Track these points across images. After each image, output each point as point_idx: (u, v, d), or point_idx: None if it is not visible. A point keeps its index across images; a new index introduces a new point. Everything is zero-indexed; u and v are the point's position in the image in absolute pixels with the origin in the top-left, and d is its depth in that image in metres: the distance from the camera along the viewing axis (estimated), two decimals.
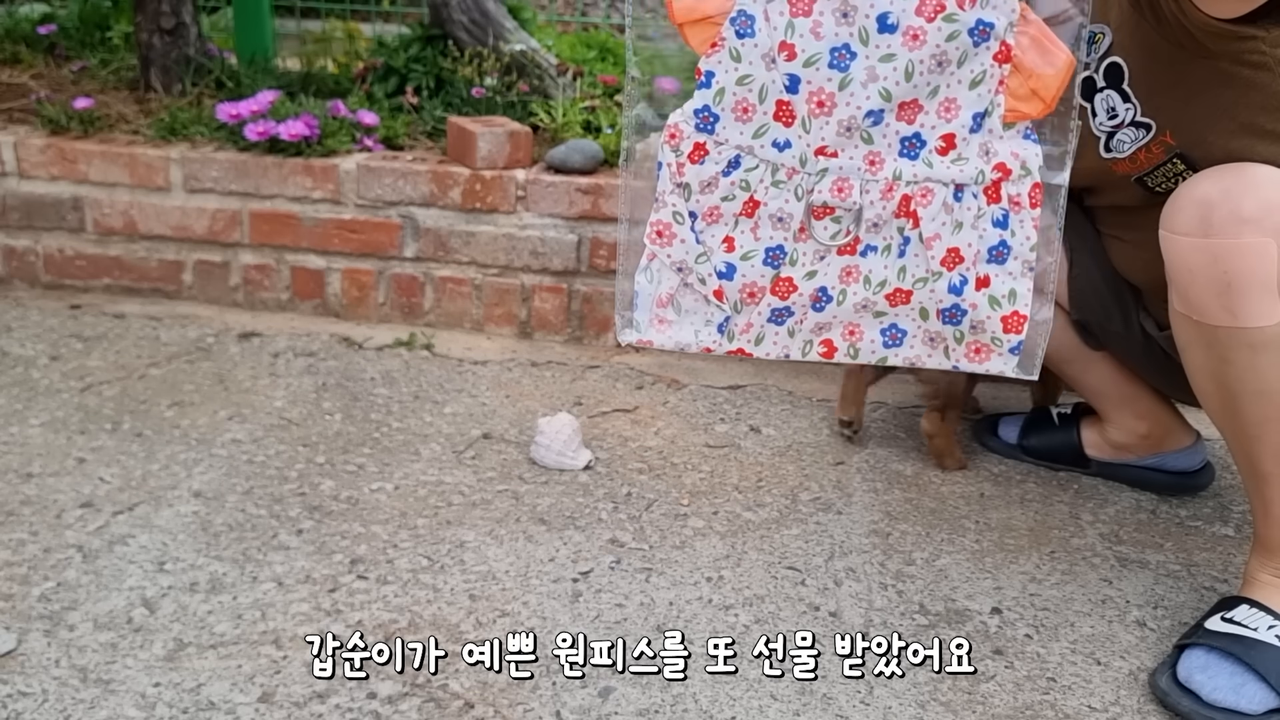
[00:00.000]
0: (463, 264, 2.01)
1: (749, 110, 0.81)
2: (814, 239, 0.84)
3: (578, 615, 1.24)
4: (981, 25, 0.77)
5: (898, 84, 0.78)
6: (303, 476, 1.50)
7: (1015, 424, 1.68)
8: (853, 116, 0.79)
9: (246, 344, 1.92)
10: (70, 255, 2.08)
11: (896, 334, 0.89)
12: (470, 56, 2.28)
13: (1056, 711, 1.13)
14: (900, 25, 0.77)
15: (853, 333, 0.89)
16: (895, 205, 0.82)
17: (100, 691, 1.08)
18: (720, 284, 0.85)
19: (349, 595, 1.25)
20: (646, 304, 0.87)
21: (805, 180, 0.81)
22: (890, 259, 0.84)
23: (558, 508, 1.46)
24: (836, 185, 0.81)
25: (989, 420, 1.72)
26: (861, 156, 0.81)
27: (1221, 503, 1.58)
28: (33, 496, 1.41)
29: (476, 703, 1.10)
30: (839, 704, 1.12)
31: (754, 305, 0.86)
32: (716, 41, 0.80)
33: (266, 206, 2.01)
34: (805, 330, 0.88)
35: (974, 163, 0.81)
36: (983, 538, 1.45)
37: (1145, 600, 1.33)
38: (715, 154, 0.82)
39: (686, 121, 0.82)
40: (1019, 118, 0.81)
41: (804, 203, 0.82)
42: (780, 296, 0.86)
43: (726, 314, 0.87)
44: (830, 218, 0.83)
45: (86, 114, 2.08)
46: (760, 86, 0.80)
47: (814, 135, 0.80)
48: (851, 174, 0.81)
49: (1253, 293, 1.05)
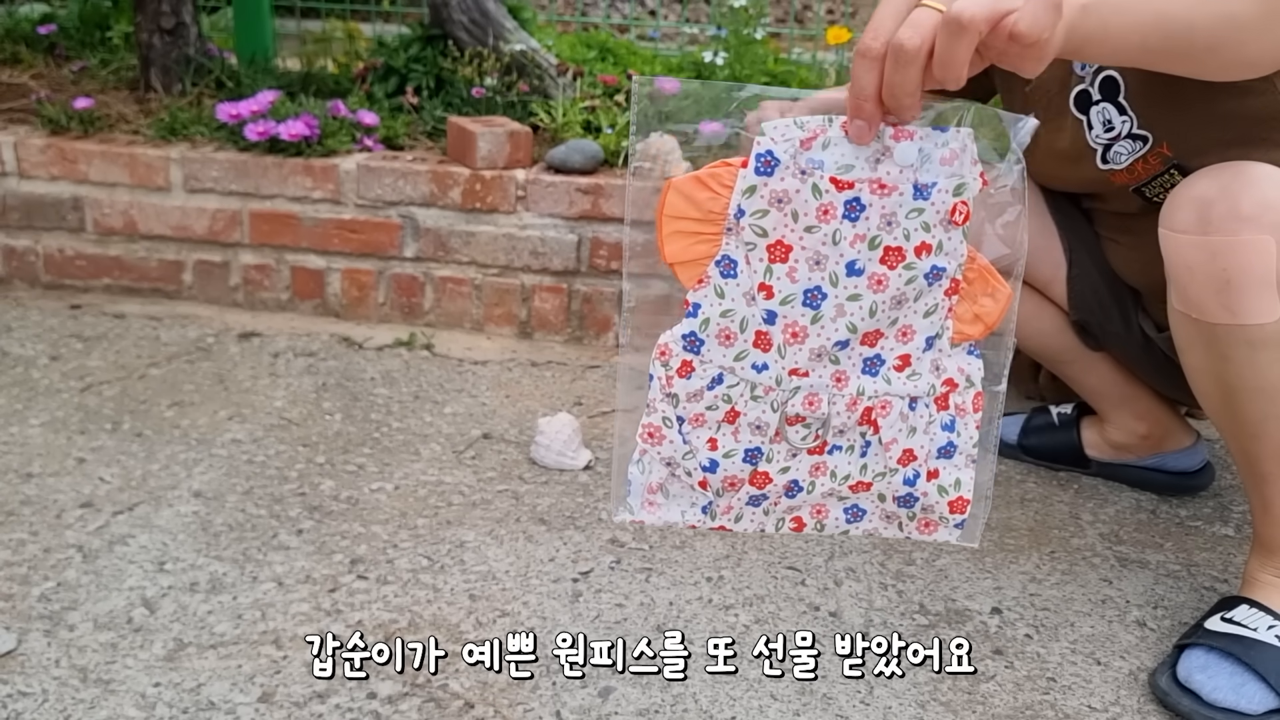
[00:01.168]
0: (463, 264, 2.01)
1: (731, 337, 0.92)
2: (787, 442, 0.96)
3: (578, 615, 1.24)
4: (935, 269, 0.89)
5: (863, 319, 0.90)
6: (303, 476, 1.50)
7: (1015, 424, 1.68)
8: (823, 345, 0.92)
9: (246, 344, 1.92)
10: (70, 255, 2.08)
11: (858, 512, 1.02)
12: (470, 56, 2.28)
13: (1056, 711, 1.13)
14: (866, 271, 0.88)
15: (820, 512, 1.01)
16: (858, 415, 0.95)
17: (100, 691, 1.08)
18: (704, 476, 0.97)
19: (349, 595, 1.25)
20: (638, 491, 0.99)
21: (780, 395, 0.94)
22: (853, 457, 0.97)
23: (558, 508, 1.46)
24: (807, 399, 0.93)
25: None
26: (829, 375, 0.93)
27: (1221, 503, 1.58)
28: (33, 496, 1.41)
29: (476, 703, 1.10)
30: (839, 704, 1.12)
31: (734, 492, 0.98)
32: (703, 278, 0.90)
33: (266, 206, 2.01)
34: (778, 511, 1.01)
35: (926, 378, 0.94)
36: (983, 538, 1.45)
37: (1145, 600, 1.33)
38: (700, 371, 0.93)
39: (675, 343, 0.92)
40: (964, 339, 0.93)
41: (779, 413, 0.94)
42: (757, 486, 0.98)
43: (709, 499, 1.00)
44: (801, 424, 0.95)
45: (86, 114, 2.08)
46: (741, 319, 0.91)
47: (788, 360, 0.92)
48: (820, 390, 0.93)
49: (1251, 290, 1.05)
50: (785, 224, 0.87)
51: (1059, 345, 1.53)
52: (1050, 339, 1.54)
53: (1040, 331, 1.54)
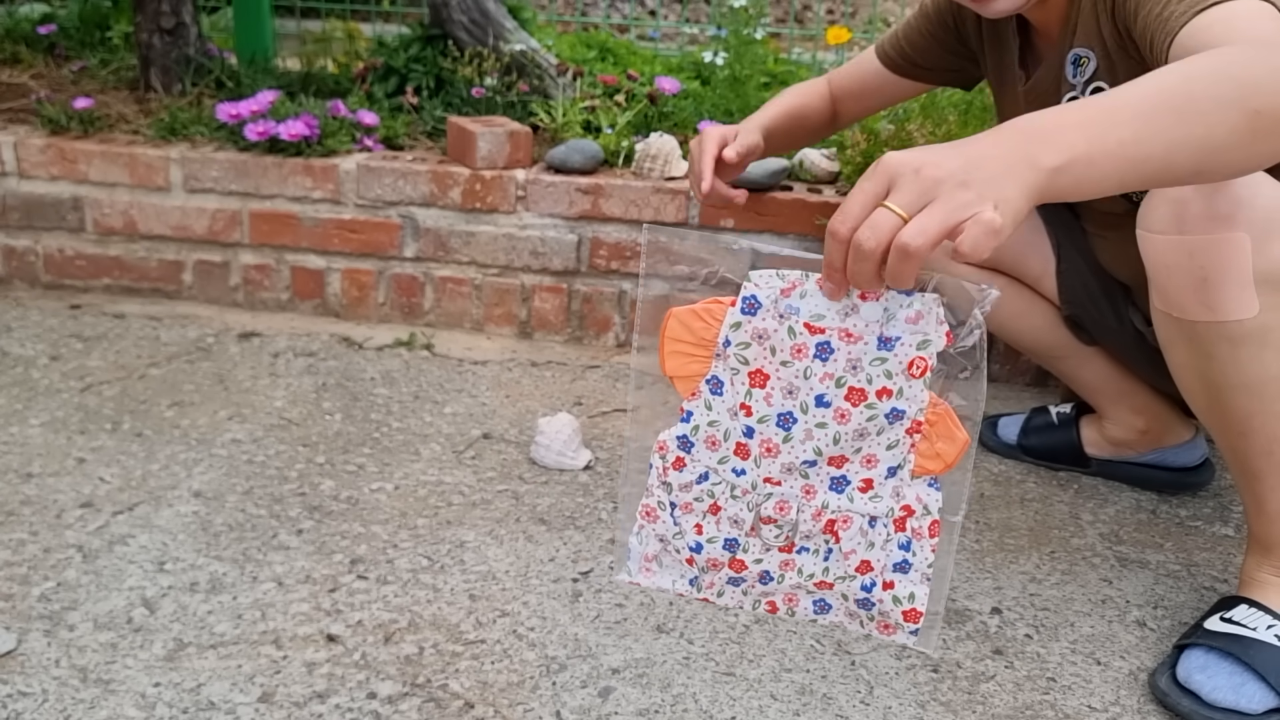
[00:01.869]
0: (463, 264, 2.01)
1: (716, 444, 1.08)
2: (760, 538, 1.11)
3: (578, 615, 1.24)
4: (895, 411, 1.00)
5: (828, 445, 1.03)
6: (303, 476, 1.50)
7: (1015, 423, 1.68)
8: (793, 461, 1.05)
9: (246, 344, 1.92)
10: (70, 255, 2.08)
11: (824, 606, 1.17)
12: (470, 56, 2.28)
13: (1056, 711, 1.13)
14: (832, 405, 1.01)
15: (791, 600, 1.17)
16: (822, 525, 1.09)
17: (100, 691, 1.08)
18: (691, 554, 1.15)
19: (349, 595, 1.25)
20: (636, 558, 1.18)
21: (755, 498, 1.09)
22: (818, 560, 1.12)
23: (558, 507, 1.46)
24: (779, 504, 1.09)
25: (989, 420, 1.72)
26: (799, 487, 1.07)
27: (1221, 503, 1.58)
28: (33, 496, 1.42)
29: (476, 703, 1.10)
30: (839, 704, 1.12)
31: (716, 572, 1.16)
32: (696, 392, 1.07)
33: (266, 206, 2.01)
34: (755, 593, 1.17)
35: (886, 501, 1.06)
36: (982, 538, 1.45)
37: (1145, 600, 1.33)
38: (690, 467, 1.10)
39: (671, 441, 1.11)
40: (925, 472, 1.04)
41: (754, 513, 1.10)
42: (736, 570, 1.15)
43: (695, 574, 1.17)
44: (774, 525, 1.10)
45: (86, 114, 2.08)
46: (725, 429, 1.07)
47: (763, 469, 1.07)
48: (791, 499, 1.08)
49: (1229, 287, 1.06)
50: (764, 356, 1.01)
51: (1052, 341, 1.54)
52: (1044, 334, 1.55)
53: (1034, 328, 1.54)
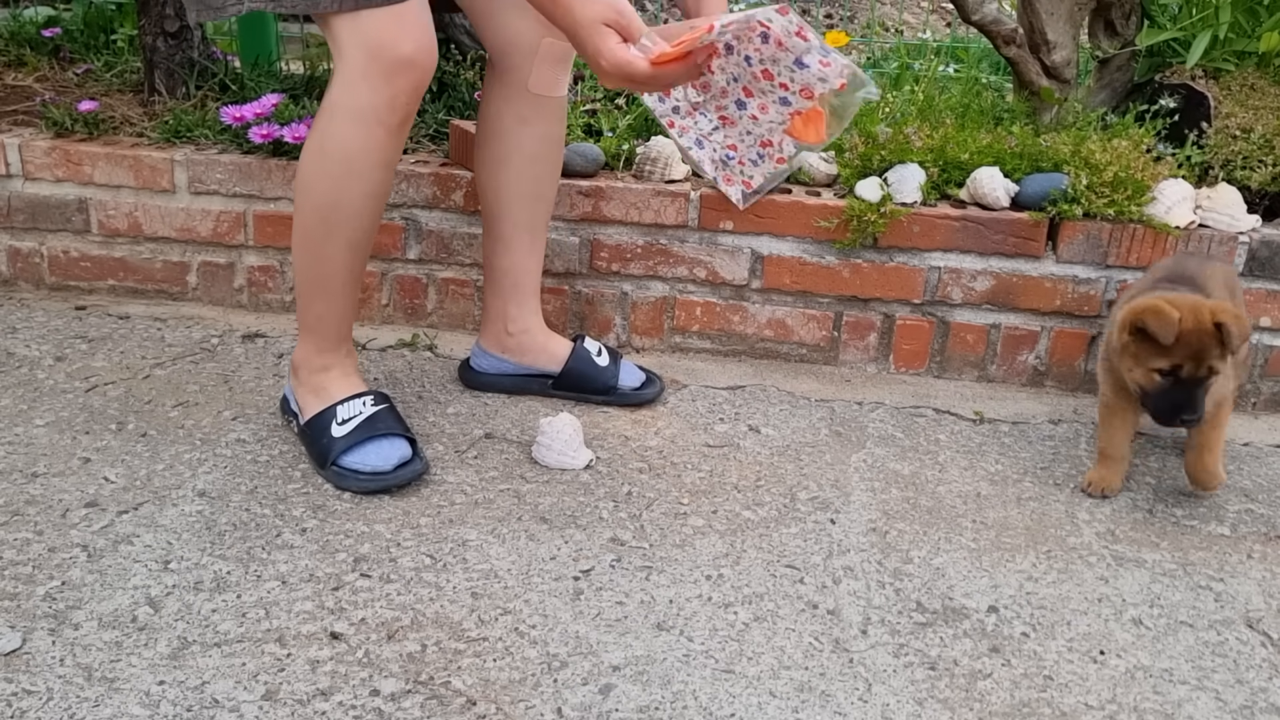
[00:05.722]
0: (465, 265, 2.02)
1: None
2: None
3: (579, 613, 1.25)
4: (784, 99, 1.33)
5: (748, 81, 1.33)
6: (306, 476, 1.51)
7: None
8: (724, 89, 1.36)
9: (251, 345, 1.93)
10: (75, 256, 2.09)
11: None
12: (472, 60, 2.29)
13: (1053, 709, 1.14)
14: (753, 67, 1.30)
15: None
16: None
17: (105, 690, 1.09)
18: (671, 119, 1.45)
19: (352, 594, 1.26)
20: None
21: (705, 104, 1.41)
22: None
23: (559, 507, 1.47)
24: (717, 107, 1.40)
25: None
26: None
27: (1217, 502, 1.59)
28: (38, 496, 1.43)
29: (479, 700, 1.11)
30: (837, 701, 1.13)
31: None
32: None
33: (270, 208, 2.02)
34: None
35: (763, 128, 1.38)
36: (980, 536, 1.46)
37: (1142, 599, 1.34)
38: (667, 102, 1.42)
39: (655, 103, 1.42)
40: (791, 132, 1.35)
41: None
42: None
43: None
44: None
45: (91, 116, 2.09)
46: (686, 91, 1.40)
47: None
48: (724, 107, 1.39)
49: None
50: (719, 54, 1.31)
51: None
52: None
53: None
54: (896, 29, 3.41)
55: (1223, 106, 1.97)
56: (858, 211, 1.85)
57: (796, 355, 1.98)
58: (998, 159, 1.92)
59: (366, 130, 1.41)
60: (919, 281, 1.91)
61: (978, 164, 1.91)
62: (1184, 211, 1.82)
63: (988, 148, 1.93)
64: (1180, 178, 1.87)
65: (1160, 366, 1.45)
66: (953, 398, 1.89)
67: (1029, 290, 1.90)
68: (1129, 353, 1.49)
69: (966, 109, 2.15)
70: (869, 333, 1.96)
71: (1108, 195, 1.83)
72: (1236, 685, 1.20)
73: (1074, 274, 1.88)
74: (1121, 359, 1.51)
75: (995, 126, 2.05)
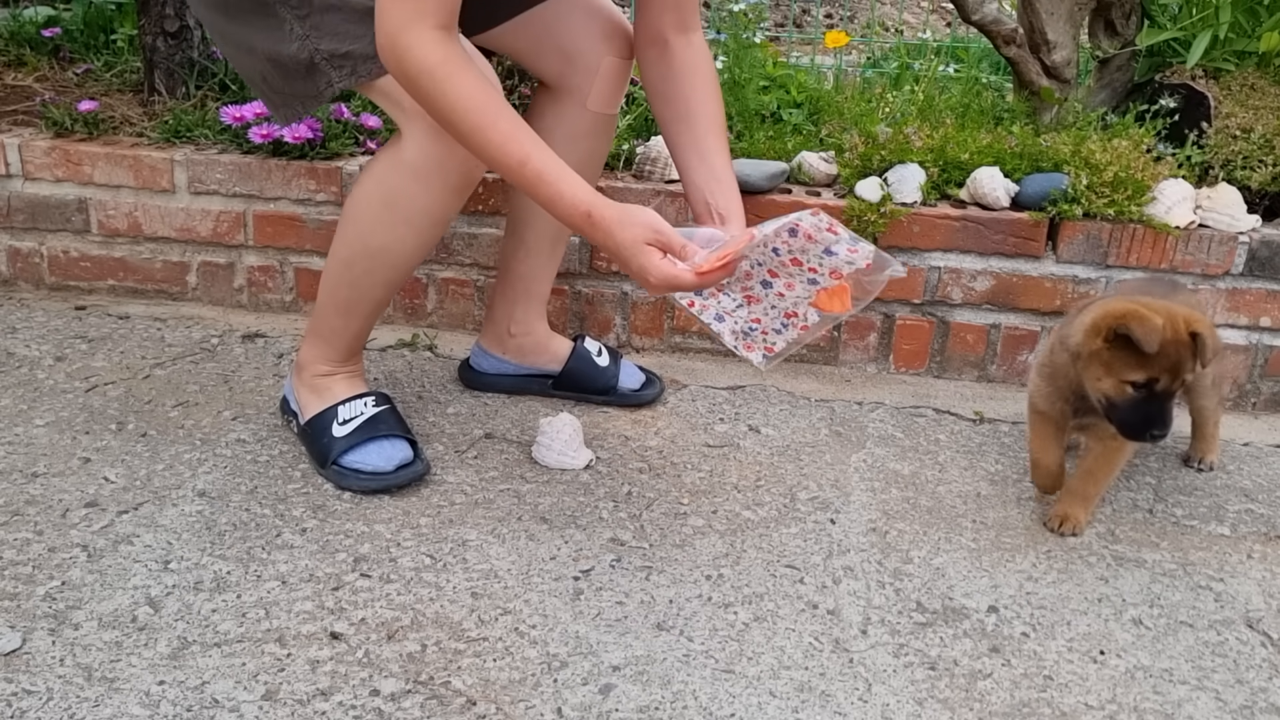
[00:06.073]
0: (465, 266, 2.02)
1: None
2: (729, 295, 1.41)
3: (579, 613, 1.25)
4: (812, 280, 1.32)
5: (777, 268, 1.34)
6: (306, 476, 1.51)
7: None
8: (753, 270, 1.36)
9: (250, 345, 1.93)
10: (75, 256, 2.09)
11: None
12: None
13: (1053, 709, 1.14)
14: (781, 256, 1.31)
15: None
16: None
17: (104, 690, 1.09)
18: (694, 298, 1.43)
19: (352, 594, 1.26)
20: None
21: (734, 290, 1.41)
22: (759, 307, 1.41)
23: (559, 507, 1.47)
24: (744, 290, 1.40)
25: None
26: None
27: (1217, 502, 1.59)
28: (38, 496, 1.43)
29: (479, 700, 1.11)
30: (837, 701, 1.13)
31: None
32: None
33: (270, 209, 2.02)
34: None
35: (788, 304, 1.38)
36: (980, 536, 1.46)
37: (1142, 599, 1.34)
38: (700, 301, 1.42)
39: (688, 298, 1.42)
40: (816, 304, 1.35)
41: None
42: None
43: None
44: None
45: (91, 116, 2.09)
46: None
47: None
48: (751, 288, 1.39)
49: None
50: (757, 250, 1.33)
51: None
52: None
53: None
54: (896, 29, 3.40)
55: (1223, 106, 1.97)
56: (858, 211, 1.85)
57: (796, 355, 1.98)
58: (998, 159, 1.92)
59: (432, 191, 1.43)
60: (919, 281, 1.91)
61: (978, 164, 1.91)
62: (1184, 211, 1.82)
63: (988, 148, 1.93)
64: (1180, 178, 1.87)
65: (1134, 378, 1.34)
66: (953, 398, 1.89)
67: (1029, 290, 1.90)
68: (1099, 361, 1.36)
69: (966, 109, 2.15)
70: (869, 333, 1.96)
71: (1108, 195, 1.83)
72: (1236, 685, 1.20)
73: (1074, 274, 1.88)
74: (1088, 367, 1.38)
75: (995, 126, 2.05)
